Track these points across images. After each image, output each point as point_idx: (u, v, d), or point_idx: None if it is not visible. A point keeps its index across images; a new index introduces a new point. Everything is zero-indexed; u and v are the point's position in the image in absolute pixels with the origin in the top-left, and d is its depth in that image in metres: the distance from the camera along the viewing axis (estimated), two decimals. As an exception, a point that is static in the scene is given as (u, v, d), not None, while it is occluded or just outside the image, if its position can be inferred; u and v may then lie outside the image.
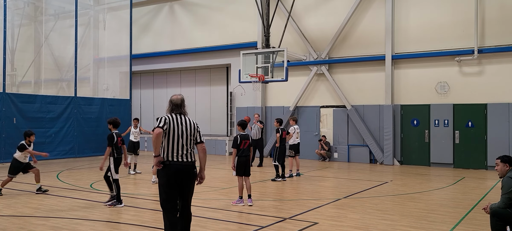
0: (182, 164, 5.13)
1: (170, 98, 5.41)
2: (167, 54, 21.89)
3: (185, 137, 5.18)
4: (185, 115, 5.35)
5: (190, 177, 5.21)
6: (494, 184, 11.39)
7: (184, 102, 5.40)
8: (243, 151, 8.56)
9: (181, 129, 5.18)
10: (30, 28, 21.79)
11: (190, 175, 5.20)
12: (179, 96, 5.41)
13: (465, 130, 14.98)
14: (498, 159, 5.79)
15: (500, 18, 14.59)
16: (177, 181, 5.13)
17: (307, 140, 17.72)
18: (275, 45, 16.26)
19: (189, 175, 5.19)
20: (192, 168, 5.21)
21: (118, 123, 8.85)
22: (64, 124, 18.00)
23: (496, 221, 5.48)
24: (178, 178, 5.12)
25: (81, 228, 6.77)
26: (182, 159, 5.14)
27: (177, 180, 5.12)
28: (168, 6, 22.13)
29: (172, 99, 5.37)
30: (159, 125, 5.10)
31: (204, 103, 22.00)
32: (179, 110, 5.31)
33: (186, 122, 5.27)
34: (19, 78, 20.70)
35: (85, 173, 13.72)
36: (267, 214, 7.90)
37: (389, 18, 16.22)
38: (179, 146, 5.13)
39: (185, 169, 5.14)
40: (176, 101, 5.33)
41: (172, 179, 5.10)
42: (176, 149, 5.12)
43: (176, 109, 5.30)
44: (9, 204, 8.62)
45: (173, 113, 5.28)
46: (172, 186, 5.11)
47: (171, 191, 5.12)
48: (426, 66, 15.87)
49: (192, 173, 5.22)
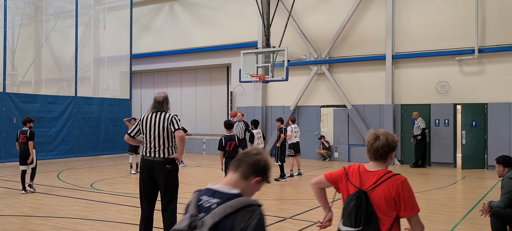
0: (152, 160, 5.26)
1: (154, 96, 5.53)
2: (167, 54, 21.88)
3: (156, 133, 5.27)
4: (163, 112, 5.37)
5: (160, 172, 5.23)
6: (494, 184, 11.38)
7: (166, 100, 5.47)
8: (230, 152, 8.54)
9: (152, 126, 5.30)
10: (31, 28, 21.80)
11: (160, 171, 5.23)
12: (161, 94, 5.52)
13: (466, 129, 14.96)
14: (495, 160, 5.81)
15: (500, 18, 14.58)
16: (149, 176, 5.31)
17: (307, 140, 17.72)
18: (275, 44, 16.25)
19: (159, 171, 5.24)
20: (162, 164, 5.22)
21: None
22: (64, 124, 18.01)
23: (496, 221, 5.48)
24: (149, 173, 5.30)
25: (81, 228, 6.77)
26: (152, 154, 5.27)
27: (148, 175, 5.31)
28: (168, 5, 22.12)
29: (154, 97, 5.50)
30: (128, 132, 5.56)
31: (204, 103, 21.99)
32: (159, 108, 5.40)
33: (160, 118, 5.31)
34: (19, 78, 20.70)
35: (85, 173, 13.73)
36: (268, 213, 7.87)
37: (390, 18, 16.21)
38: (150, 143, 5.30)
39: (154, 165, 5.24)
40: (157, 99, 5.45)
41: (144, 174, 5.33)
42: (147, 146, 5.33)
43: (155, 107, 5.41)
44: (9, 204, 8.62)
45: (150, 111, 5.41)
46: (144, 181, 5.35)
47: (142, 186, 5.36)
48: (426, 65, 15.86)
49: (162, 169, 5.22)
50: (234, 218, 1.95)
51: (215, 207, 1.99)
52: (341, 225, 2.90)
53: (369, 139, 2.90)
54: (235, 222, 1.94)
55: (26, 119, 10.13)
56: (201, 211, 2.01)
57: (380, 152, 2.85)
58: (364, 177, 2.88)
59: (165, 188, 5.28)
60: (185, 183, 11.41)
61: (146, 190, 5.40)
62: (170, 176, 5.28)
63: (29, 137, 9.76)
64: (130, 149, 13.16)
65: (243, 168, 2.15)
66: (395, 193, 2.73)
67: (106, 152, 19.34)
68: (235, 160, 2.22)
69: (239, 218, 1.94)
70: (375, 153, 2.86)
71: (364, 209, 2.74)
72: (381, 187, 2.78)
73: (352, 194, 2.86)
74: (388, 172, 2.84)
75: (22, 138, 9.83)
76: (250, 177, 2.14)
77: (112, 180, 12.06)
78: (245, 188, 2.13)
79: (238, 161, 2.19)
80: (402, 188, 2.74)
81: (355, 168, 2.96)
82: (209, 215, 1.96)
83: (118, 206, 8.43)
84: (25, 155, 9.77)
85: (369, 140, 2.89)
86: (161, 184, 5.28)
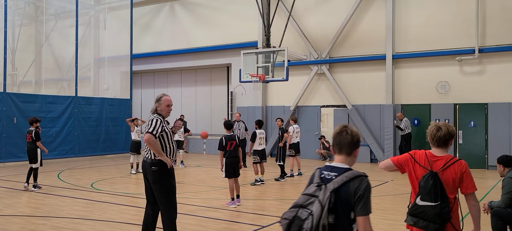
0: (144, 161, 5.41)
1: None
2: (167, 54, 21.88)
3: None
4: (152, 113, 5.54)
5: (149, 173, 5.34)
6: (495, 184, 11.38)
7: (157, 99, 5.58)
8: (230, 152, 8.52)
9: None
10: (31, 28, 21.81)
11: (148, 172, 5.33)
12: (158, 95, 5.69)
13: (466, 129, 14.97)
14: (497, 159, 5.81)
15: (501, 18, 14.58)
16: (145, 176, 5.48)
17: (307, 140, 17.72)
18: (275, 44, 16.26)
19: (148, 172, 5.35)
20: (149, 165, 5.31)
21: None
22: (65, 124, 18.02)
23: (497, 221, 5.48)
24: (144, 173, 5.48)
25: (81, 228, 6.77)
26: (146, 155, 5.42)
27: (144, 175, 5.49)
28: (168, 5, 22.13)
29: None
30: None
31: (204, 103, 21.99)
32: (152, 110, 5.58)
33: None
34: (19, 78, 20.71)
35: (85, 173, 13.73)
36: (268, 213, 7.90)
37: (390, 18, 16.21)
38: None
39: (146, 165, 5.38)
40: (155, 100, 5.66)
41: (143, 172, 5.54)
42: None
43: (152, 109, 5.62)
44: (10, 204, 8.63)
45: None
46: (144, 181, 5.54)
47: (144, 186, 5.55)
48: (426, 65, 15.86)
49: (149, 170, 5.31)
50: (348, 184, 2.69)
51: (334, 178, 2.74)
52: (419, 200, 3.45)
53: (432, 130, 3.56)
54: (350, 187, 2.68)
55: (32, 119, 10.42)
56: (323, 182, 2.76)
57: (443, 140, 3.51)
58: (432, 161, 3.52)
59: (154, 189, 5.34)
60: (186, 183, 11.42)
61: (146, 190, 5.52)
62: (156, 178, 5.28)
63: (34, 137, 10.07)
64: (132, 149, 13.17)
65: (345, 149, 2.84)
66: (460, 174, 3.43)
67: (107, 152, 19.34)
68: (335, 144, 2.88)
69: (352, 184, 2.69)
70: (439, 141, 3.53)
71: (439, 187, 3.34)
72: (450, 169, 3.45)
73: (427, 175, 3.43)
74: (453, 157, 3.51)
75: (28, 138, 10.19)
76: (352, 152, 2.85)
77: (113, 180, 12.07)
78: (351, 161, 2.86)
79: (338, 145, 2.87)
80: (465, 170, 3.45)
81: (422, 153, 3.59)
82: (330, 183, 2.72)
83: (119, 206, 8.43)
84: (30, 154, 10.13)
85: (432, 130, 3.56)
86: (151, 184, 5.36)
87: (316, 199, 2.67)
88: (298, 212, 2.68)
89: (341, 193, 2.68)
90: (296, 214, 2.68)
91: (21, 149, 16.07)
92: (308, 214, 2.63)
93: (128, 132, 16.81)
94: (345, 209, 2.69)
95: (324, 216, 2.61)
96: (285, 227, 2.70)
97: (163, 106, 5.47)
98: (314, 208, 2.63)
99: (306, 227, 2.59)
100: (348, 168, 2.80)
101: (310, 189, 2.77)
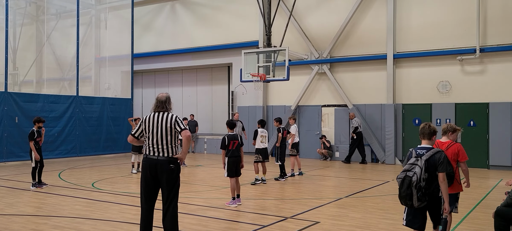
0: (156, 159, 5.32)
1: (156, 96, 5.60)
2: (168, 54, 21.89)
3: (161, 133, 5.34)
4: (166, 112, 5.47)
5: (164, 172, 5.30)
6: (496, 184, 11.37)
7: (168, 100, 5.57)
8: (233, 151, 8.53)
9: (155, 126, 5.37)
10: (32, 27, 21.84)
11: (163, 170, 5.30)
12: (164, 94, 5.61)
13: (467, 129, 14.95)
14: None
15: (502, 17, 14.56)
16: (152, 174, 5.35)
17: (308, 139, 17.71)
18: (276, 44, 16.26)
19: (163, 170, 5.30)
20: (165, 163, 5.30)
21: None
22: (66, 123, 18.04)
23: (500, 221, 5.46)
24: (152, 172, 5.34)
25: (82, 227, 6.78)
26: (156, 154, 5.33)
27: (152, 174, 5.36)
28: (169, 5, 22.13)
29: (157, 97, 5.59)
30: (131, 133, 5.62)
31: (205, 103, 22.00)
32: (161, 107, 5.49)
33: (163, 118, 5.40)
34: (21, 77, 20.74)
35: (87, 172, 13.75)
36: (269, 213, 7.90)
37: (391, 17, 16.19)
38: (153, 142, 5.35)
39: (158, 164, 5.31)
40: (160, 99, 5.54)
41: (147, 172, 5.37)
42: (151, 145, 5.37)
43: (158, 107, 5.51)
44: (11, 203, 8.65)
45: (153, 112, 5.51)
46: (146, 180, 5.39)
47: (144, 186, 5.42)
48: (427, 65, 15.85)
49: (165, 167, 5.30)
50: (434, 156, 4.71)
51: (425, 153, 4.76)
52: None
53: (443, 127, 5.94)
54: (435, 158, 4.70)
55: (35, 119, 10.67)
56: (419, 155, 4.75)
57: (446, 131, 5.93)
58: (439, 144, 5.79)
59: (167, 187, 5.35)
60: (187, 182, 11.43)
61: (147, 189, 5.43)
62: (172, 175, 5.34)
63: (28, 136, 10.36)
64: (134, 149, 13.18)
65: (428, 136, 4.93)
66: (456, 150, 5.68)
67: (108, 152, 19.36)
68: (421, 134, 4.98)
69: (435, 156, 4.72)
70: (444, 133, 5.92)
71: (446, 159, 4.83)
72: (451, 148, 5.73)
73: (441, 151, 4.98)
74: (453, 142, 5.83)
75: None
76: (431, 138, 4.94)
77: (114, 180, 12.08)
78: (431, 143, 4.93)
79: (422, 134, 4.96)
80: (459, 148, 5.70)
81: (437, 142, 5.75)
82: (424, 156, 4.72)
83: (120, 206, 8.44)
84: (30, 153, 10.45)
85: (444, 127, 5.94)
86: (164, 183, 5.34)
87: (416, 165, 4.68)
88: (407, 173, 4.68)
89: (430, 161, 4.70)
90: (406, 174, 4.68)
91: (22, 149, 16.11)
92: (413, 173, 4.64)
93: (129, 131, 16.79)
94: (432, 169, 4.69)
95: (422, 173, 4.63)
96: (400, 182, 4.71)
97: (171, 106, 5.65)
98: (416, 170, 4.65)
99: (413, 180, 4.60)
100: (431, 147, 4.87)
101: (411, 160, 4.77)
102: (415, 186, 4.55)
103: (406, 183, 4.61)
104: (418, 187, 4.56)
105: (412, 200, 4.59)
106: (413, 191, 4.57)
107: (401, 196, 4.67)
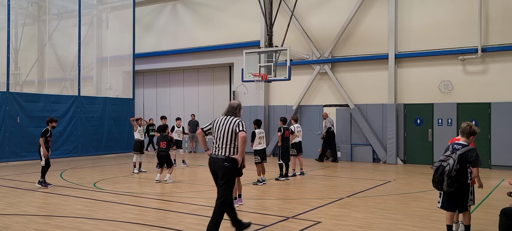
0: (215, 157, 6.04)
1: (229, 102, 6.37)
2: (170, 53, 21.91)
3: (222, 134, 6.04)
4: (234, 117, 6.14)
5: (220, 168, 5.98)
6: (498, 183, 11.36)
7: (240, 106, 6.30)
8: None
9: (221, 128, 6.08)
10: (34, 27, 21.88)
11: (220, 167, 5.97)
12: (236, 102, 6.37)
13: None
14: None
15: (504, 17, 14.53)
16: (212, 171, 6.14)
17: (310, 139, 17.70)
18: (278, 44, 16.25)
19: (219, 167, 5.99)
20: (222, 161, 5.96)
21: None
22: (67, 123, 18.07)
23: (505, 220, 5.45)
24: (212, 168, 6.12)
25: (84, 227, 6.79)
26: (216, 152, 6.05)
27: (211, 170, 6.14)
28: (171, 5, 22.15)
29: (230, 103, 6.33)
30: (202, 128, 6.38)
31: (207, 102, 22.01)
32: (232, 113, 6.20)
33: (226, 121, 6.09)
34: (22, 77, 20.79)
35: (88, 172, 13.77)
36: (270, 213, 7.90)
37: (392, 17, 16.18)
38: (216, 142, 6.09)
39: (216, 162, 6.02)
40: (232, 105, 6.27)
41: (210, 168, 6.15)
42: (214, 145, 6.13)
43: (229, 111, 6.22)
44: (12, 203, 8.66)
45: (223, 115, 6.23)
46: (212, 175, 6.18)
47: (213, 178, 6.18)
48: (429, 65, 15.83)
49: (221, 165, 5.96)
50: (468, 152, 5.60)
51: (460, 148, 5.64)
52: None
53: (463, 125, 5.88)
54: (468, 154, 5.59)
55: (48, 119, 10.86)
56: (455, 150, 5.62)
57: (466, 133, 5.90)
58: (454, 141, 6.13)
59: (221, 182, 5.99)
60: (189, 182, 11.43)
61: (215, 182, 6.16)
62: (226, 172, 5.98)
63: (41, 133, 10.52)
64: (135, 148, 13.19)
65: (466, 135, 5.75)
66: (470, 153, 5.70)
67: (109, 151, 19.39)
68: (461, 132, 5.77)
69: (469, 152, 5.59)
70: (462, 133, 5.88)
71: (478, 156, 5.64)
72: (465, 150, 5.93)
73: None
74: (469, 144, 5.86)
75: None
76: (469, 137, 5.72)
77: (115, 179, 12.10)
78: (468, 141, 5.71)
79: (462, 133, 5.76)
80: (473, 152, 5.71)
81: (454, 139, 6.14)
82: (459, 151, 5.60)
83: (122, 205, 8.45)
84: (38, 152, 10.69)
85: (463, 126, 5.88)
86: (219, 178, 6.02)
87: (451, 158, 5.61)
88: (442, 163, 5.62)
89: (463, 156, 5.60)
90: (441, 164, 5.62)
91: (24, 149, 16.16)
92: (447, 164, 5.59)
93: (131, 131, 16.84)
94: (464, 163, 5.61)
95: (455, 165, 5.55)
96: (435, 169, 5.65)
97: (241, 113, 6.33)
98: (450, 161, 5.58)
99: (446, 169, 5.56)
100: (466, 144, 5.70)
101: (447, 153, 5.71)
102: (447, 175, 5.54)
103: (439, 171, 5.61)
104: (449, 175, 5.55)
105: (442, 184, 5.62)
106: (444, 178, 5.57)
107: (434, 181, 5.69)
